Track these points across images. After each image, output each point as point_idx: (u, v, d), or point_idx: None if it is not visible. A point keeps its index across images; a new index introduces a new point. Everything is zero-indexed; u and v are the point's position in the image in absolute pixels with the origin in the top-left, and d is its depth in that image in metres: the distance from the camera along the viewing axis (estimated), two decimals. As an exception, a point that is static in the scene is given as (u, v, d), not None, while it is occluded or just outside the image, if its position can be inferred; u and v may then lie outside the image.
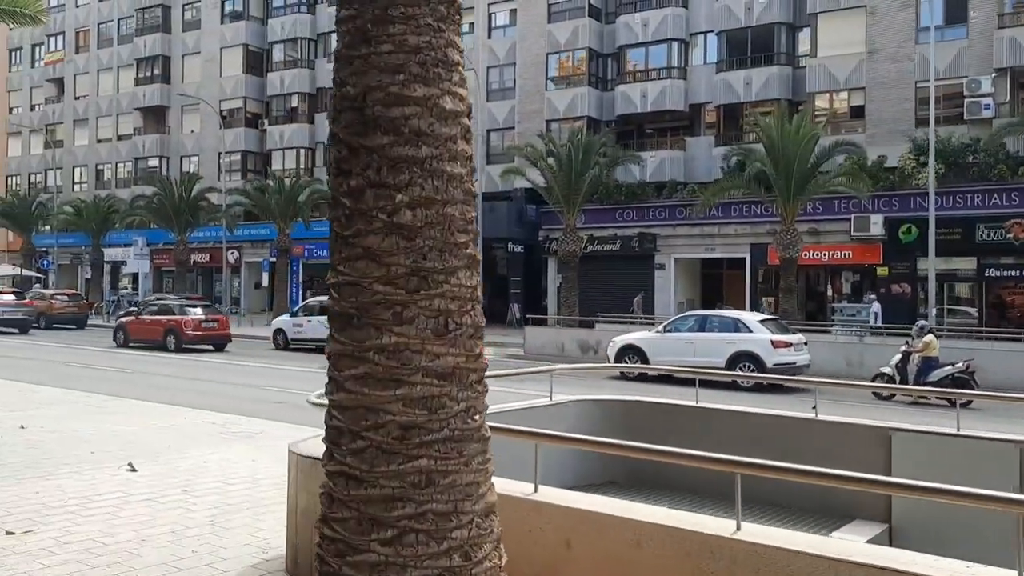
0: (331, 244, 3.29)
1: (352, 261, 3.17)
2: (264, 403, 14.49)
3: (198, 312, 27.08)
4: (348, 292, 3.17)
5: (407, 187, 3.14)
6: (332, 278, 3.25)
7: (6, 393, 13.74)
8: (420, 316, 3.12)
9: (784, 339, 18.40)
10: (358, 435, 3.11)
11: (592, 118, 36.25)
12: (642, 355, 19.47)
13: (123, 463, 8.35)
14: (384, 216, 3.13)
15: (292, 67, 45.09)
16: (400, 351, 3.10)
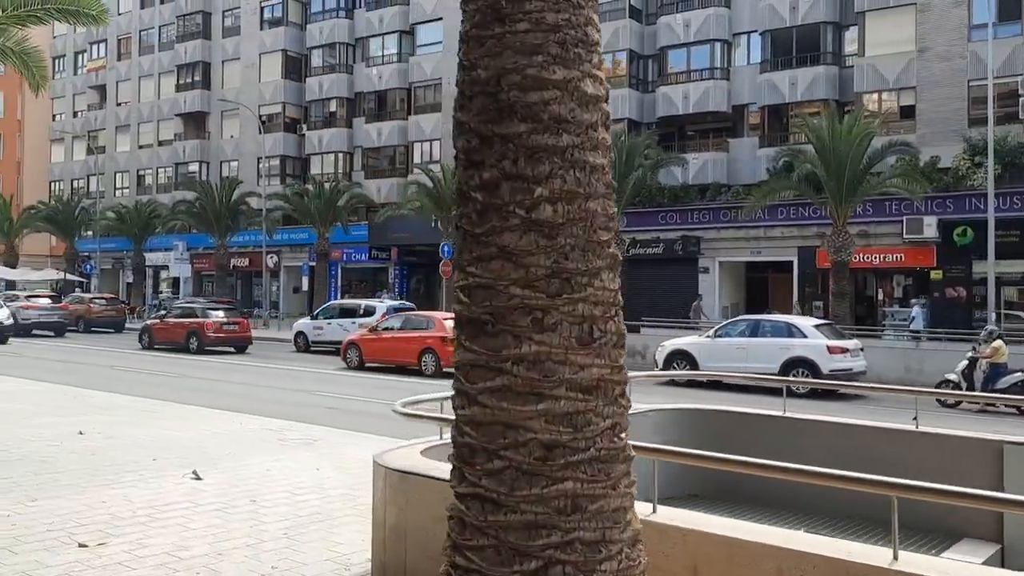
0: (459, 243, 2.99)
1: (485, 262, 2.87)
2: (314, 408, 14.31)
3: (220, 315, 27.56)
4: (481, 296, 2.87)
5: (547, 179, 2.84)
6: (461, 280, 2.96)
7: (60, 398, 13.70)
8: (563, 322, 2.82)
9: (840, 344, 17.91)
10: (495, 454, 2.81)
11: (632, 120, 35.80)
12: (692, 360, 19.05)
13: (186, 470, 8.16)
14: (522, 212, 2.83)
15: (330, 72, 45.18)
16: (541, 361, 2.79)
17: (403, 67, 42.65)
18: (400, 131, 42.67)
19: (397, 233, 38.58)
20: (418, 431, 6.98)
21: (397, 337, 21.66)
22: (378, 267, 43.12)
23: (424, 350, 20.73)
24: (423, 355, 20.75)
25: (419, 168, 35.84)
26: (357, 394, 16.49)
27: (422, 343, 20.82)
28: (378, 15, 43.45)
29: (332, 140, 45.07)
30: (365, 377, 20.37)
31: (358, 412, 14.08)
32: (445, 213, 33.55)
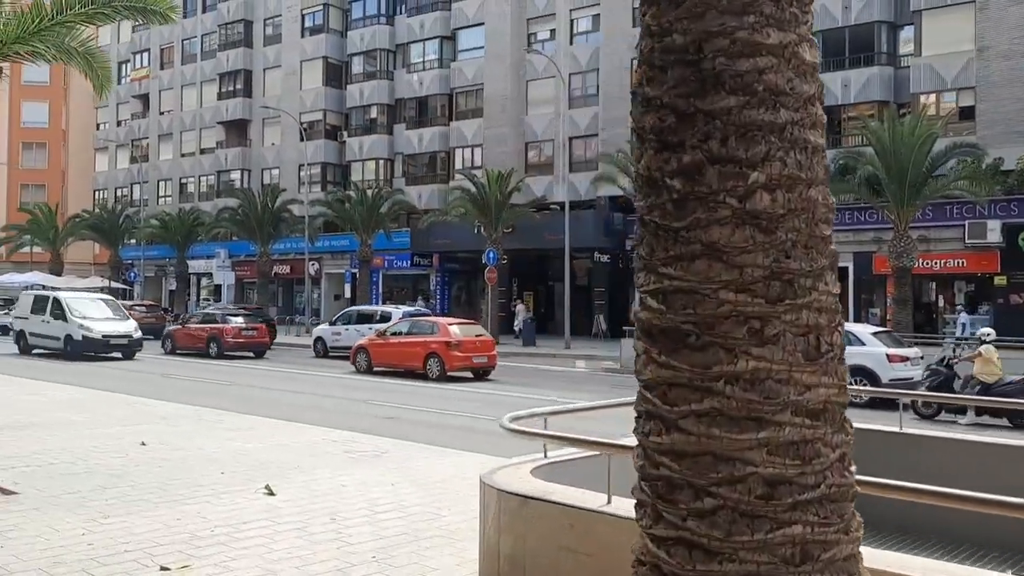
0: (647, 240, 2.54)
1: (686, 261, 2.42)
2: (371, 418, 13.94)
3: (239, 321, 28.40)
4: (681, 302, 2.42)
5: (763, 162, 2.39)
6: (652, 283, 2.51)
7: (118, 406, 13.49)
8: (785, 333, 2.36)
9: (900, 353, 17.25)
10: (705, 491, 2.35)
11: (679, 124, 35.17)
12: None
13: (258, 485, 7.81)
14: (734, 201, 2.38)
15: (371, 79, 45.17)
16: (761, 380, 2.34)
17: (444, 72, 42.47)
18: (441, 137, 42.47)
19: (439, 240, 38.31)
20: (500, 448, 6.55)
21: (404, 342, 22.05)
22: (419, 274, 42.92)
23: (429, 355, 21.06)
24: (428, 359, 21.06)
25: (462, 174, 35.56)
26: (377, 399, 16.13)
27: (427, 348, 21.17)
28: (419, 21, 43.34)
29: (373, 147, 45.00)
30: (377, 381, 20.12)
31: (415, 422, 13.69)
32: (488, 219, 33.21)
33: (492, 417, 14.19)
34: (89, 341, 24.98)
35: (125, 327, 25.86)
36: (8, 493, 7.34)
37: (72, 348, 25.18)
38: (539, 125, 39.61)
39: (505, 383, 20.07)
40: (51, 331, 25.94)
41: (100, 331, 25.13)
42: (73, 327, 25.21)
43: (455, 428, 13.09)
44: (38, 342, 26.75)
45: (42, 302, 26.80)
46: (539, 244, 35.24)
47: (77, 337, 25.09)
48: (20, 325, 27.62)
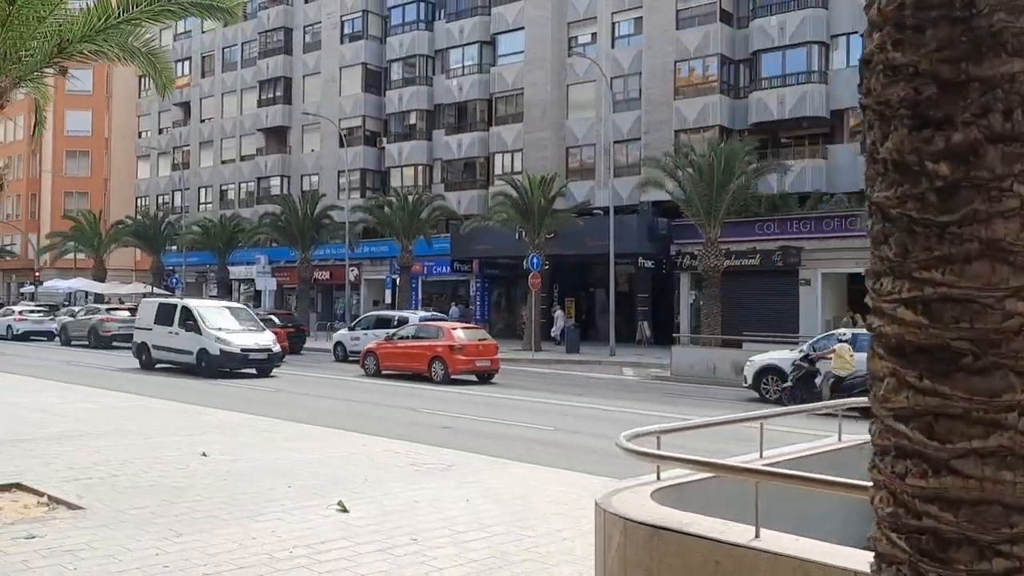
0: (897, 238, 2.09)
1: (959, 263, 1.97)
2: (425, 427, 13.55)
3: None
4: (952, 313, 1.97)
5: (1061, 141, 1.93)
6: (906, 291, 2.06)
7: (172, 415, 13.26)
8: (1096, 353, 1.89)
9: None
10: (993, 550, 1.89)
11: (724, 127, 34.56)
12: (784, 377, 17.97)
13: (328, 500, 7.45)
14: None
15: (410, 84, 45.04)
16: (1064, 412, 1.88)
17: (484, 78, 42.20)
18: (481, 142, 42.19)
19: (480, 245, 37.97)
20: (568, 460, 6.06)
21: (410, 346, 22.61)
22: (459, 280, 42.64)
23: (433, 358, 21.64)
24: (432, 363, 21.65)
25: (503, 179, 35.22)
26: (424, 406, 15.73)
27: (432, 352, 21.74)
28: (458, 26, 43.13)
29: (412, 152, 44.85)
30: (397, 385, 19.75)
31: (471, 432, 13.28)
32: (531, 224, 32.80)
33: (550, 427, 13.78)
34: (227, 356, 21.67)
35: (264, 339, 22.51)
36: (75, 508, 7.06)
37: (207, 363, 21.80)
38: (580, 129, 39.18)
39: (551, 391, 19.61)
40: (181, 344, 22.59)
41: (239, 344, 21.78)
42: (208, 340, 21.88)
43: (510, 438, 12.65)
44: (164, 356, 23.41)
45: (168, 311, 23.60)
46: (581, 250, 34.75)
47: (213, 351, 21.70)
48: (142, 337, 24.14)
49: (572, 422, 14.50)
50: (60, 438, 10.63)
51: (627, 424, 5.66)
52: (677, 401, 18.17)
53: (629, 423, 13.85)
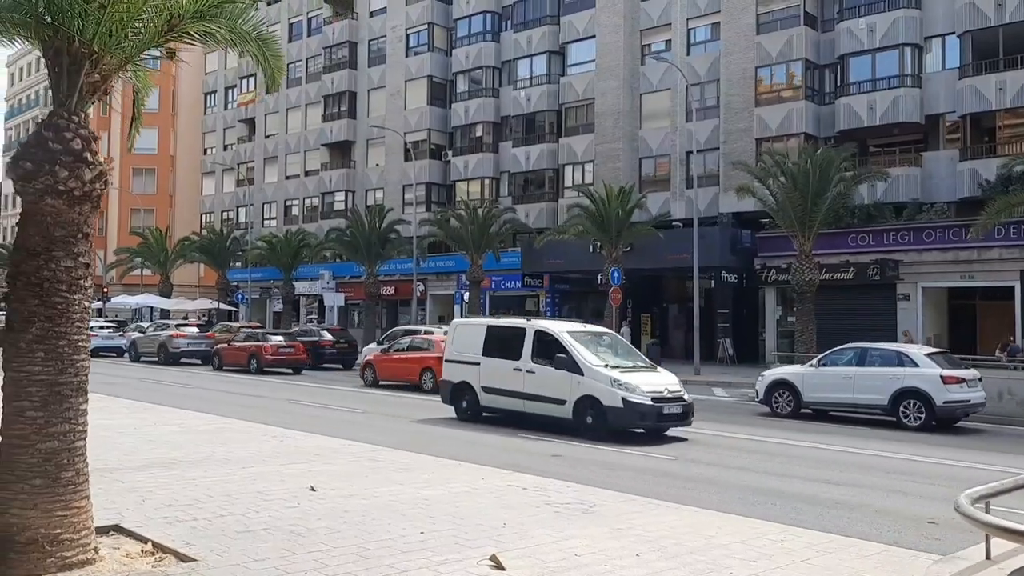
0: None
1: None
2: (535, 456, 12.34)
3: (278, 339, 30.25)
4: None
5: None
6: None
7: (260, 438, 12.32)
8: None
9: (956, 374, 16.44)
10: None
11: (809, 135, 32.93)
12: (794, 391, 17.95)
13: (468, 550, 6.37)
14: None
15: (476, 96, 44.29)
16: None
17: (553, 88, 41.21)
18: (550, 154, 41.15)
19: (552, 259, 36.80)
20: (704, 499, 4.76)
21: (404, 357, 23.43)
22: (527, 295, 41.54)
23: (424, 369, 22.30)
24: (423, 373, 22.34)
25: (580, 190, 34.00)
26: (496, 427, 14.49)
27: (422, 363, 22.47)
28: (526, 36, 42.25)
29: (478, 166, 44.03)
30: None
31: (587, 461, 12.02)
32: (608, 237, 31.57)
33: (670, 456, 11.78)
34: (634, 409, 13.72)
35: (669, 382, 14.57)
36: (185, 559, 6.04)
37: (599, 419, 13.90)
38: (654, 140, 37.89)
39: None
40: (540, 387, 14.82)
41: (648, 390, 13.89)
42: (598, 383, 13.98)
43: (635, 470, 11.37)
44: (504, 403, 15.58)
45: (508, 338, 15.77)
46: (659, 263, 33.38)
47: (611, 401, 13.75)
48: (462, 374, 16.32)
49: (696, 450, 13.16)
50: (151, 466, 9.73)
51: (748, 452, 4.40)
52: (772, 424, 16.71)
53: (754, 451, 12.04)
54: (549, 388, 14.68)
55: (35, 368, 5.81)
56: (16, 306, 5.88)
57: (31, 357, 5.81)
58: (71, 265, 5.95)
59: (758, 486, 10.25)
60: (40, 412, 5.80)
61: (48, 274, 5.86)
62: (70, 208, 5.95)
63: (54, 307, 5.86)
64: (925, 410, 16.00)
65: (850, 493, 9.90)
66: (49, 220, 5.91)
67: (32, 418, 5.79)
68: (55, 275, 5.87)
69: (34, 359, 5.81)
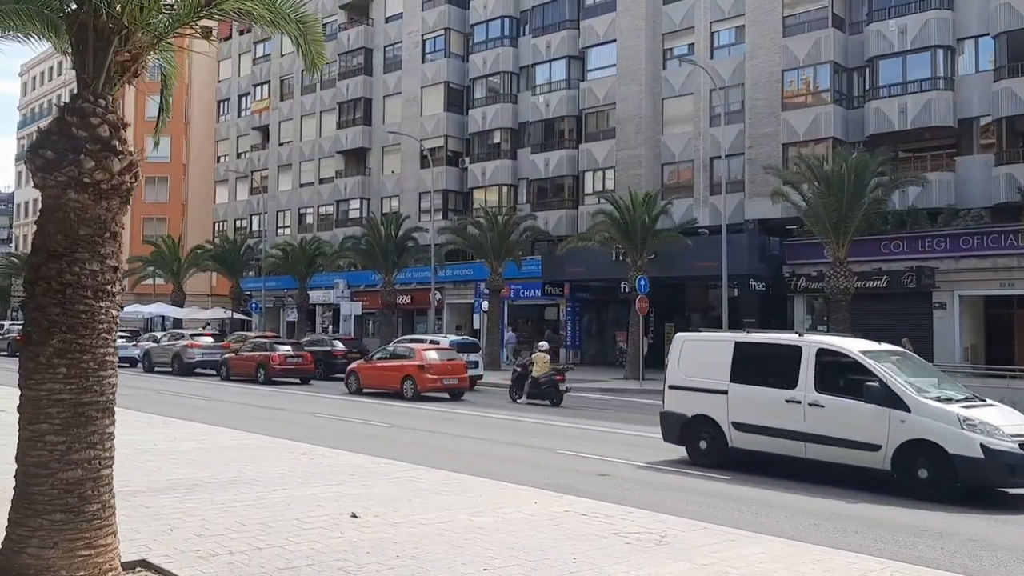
0: None
1: None
2: (582, 474, 11.54)
3: (286, 349, 29.60)
4: None
5: None
6: None
7: (287, 455, 11.58)
8: None
9: None
10: None
11: (837, 139, 32.11)
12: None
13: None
14: None
15: (494, 103, 43.66)
16: None
17: (572, 93, 40.50)
18: (569, 160, 40.42)
19: (573, 267, 36.01)
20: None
21: (386, 365, 23.95)
22: (546, 304, 40.77)
23: (404, 377, 22.92)
24: (404, 381, 22.92)
25: (603, 196, 33.19)
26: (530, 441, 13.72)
27: (403, 371, 23.05)
28: (545, 41, 41.61)
29: (496, 172, 43.35)
30: (488, 416, 17.74)
31: (639, 482, 11.23)
32: (633, 244, 30.79)
33: (726, 476, 10.35)
34: (999, 462, 9.93)
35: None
36: (226, 604, 5.30)
37: (944, 476, 10.15)
38: (676, 145, 37.13)
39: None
40: (839, 428, 10.96)
41: (1014, 436, 10.12)
42: (938, 426, 10.23)
43: (706, 494, 10.57)
44: (781, 448, 11.57)
45: (771, 359, 12.12)
46: (684, 271, 32.60)
47: (963, 450, 9.99)
48: (699, 406, 12.47)
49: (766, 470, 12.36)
50: (176, 489, 9.00)
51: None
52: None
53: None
54: (848, 428, 10.76)
55: (56, 386, 5.09)
56: (35, 315, 5.16)
57: (52, 373, 5.09)
58: (97, 268, 5.23)
59: (829, 511, 9.44)
60: (61, 436, 5.08)
61: (71, 278, 5.14)
62: (96, 203, 5.24)
63: (78, 316, 5.14)
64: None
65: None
66: (73, 217, 5.20)
67: (52, 443, 5.08)
68: (79, 279, 5.15)
69: (55, 375, 5.09)
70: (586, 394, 25.14)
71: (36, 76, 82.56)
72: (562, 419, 18.69)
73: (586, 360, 39.41)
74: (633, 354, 29.82)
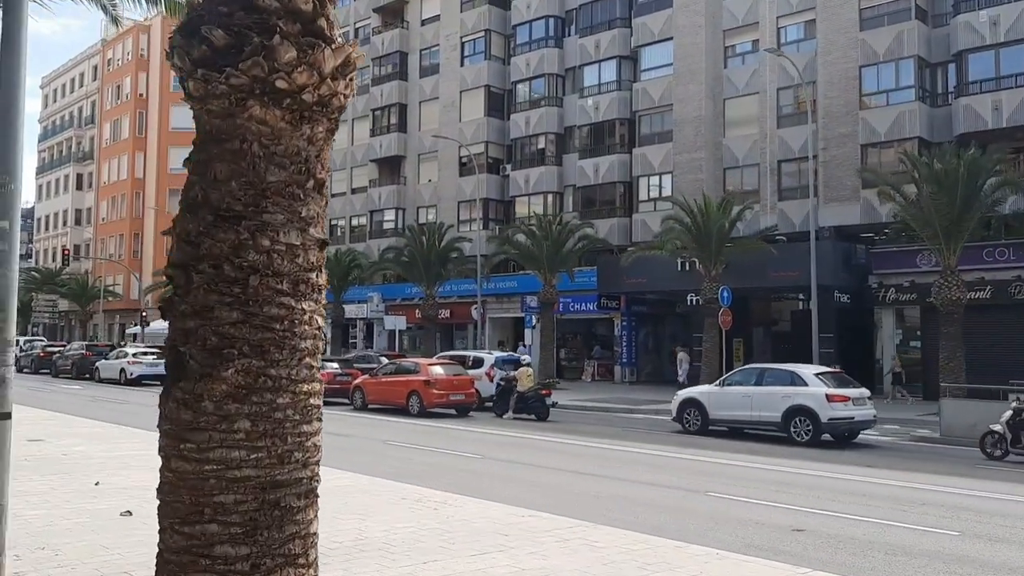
0: None
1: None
2: (768, 528, 9.18)
3: (335, 366, 27.62)
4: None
5: None
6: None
7: (400, 505, 9.19)
8: None
9: (841, 393, 17.14)
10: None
11: (923, 139, 29.74)
12: (701, 408, 18.74)
13: None
14: None
15: (537, 106, 41.49)
16: None
17: (624, 95, 38.30)
18: (621, 165, 38.16)
19: (632, 279, 33.61)
20: None
21: (391, 380, 23.41)
22: (600, 318, 38.37)
23: (410, 392, 22.39)
24: (409, 396, 22.39)
25: (674, 202, 30.76)
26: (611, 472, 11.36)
27: (409, 386, 22.54)
28: (593, 41, 39.45)
29: (540, 179, 41.12)
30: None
31: (843, 538, 8.85)
32: (707, 253, 28.44)
33: (949, 531, 8.86)
34: None
35: None
36: None
37: None
38: (740, 148, 34.81)
39: (818, 459, 15.00)
40: None
41: None
42: None
43: (924, 553, 8.19)
44: None
45: None
46: (760, 282, 30.18)
47: None
48: None
49: (941, 516, 9.94)
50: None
51: None
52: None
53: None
54: None
55: (234, 454, 2.81)
56: (193, 325, 2.87)
57: (224, 431, 2.82)
58: (297, 242, 2.96)
59: None
60: (243, 548, 2.78)
61: (258, 259, 2.87)
62: (295, 127, 2.99)
63: (269, 327, 2.87)
64: (813, 426, 16.69)
65: None
66: (257, 151, 2.92)
67: (227, 558, 2.77)
68: (270, 261, 2.88)
69: (230, 436, 2.82)
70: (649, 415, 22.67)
71: (57, 88, 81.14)
72: (661, 448, 16.27)
73: (642, 378, 36.98)
74: (710, 372, 27.29)
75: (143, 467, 11.49)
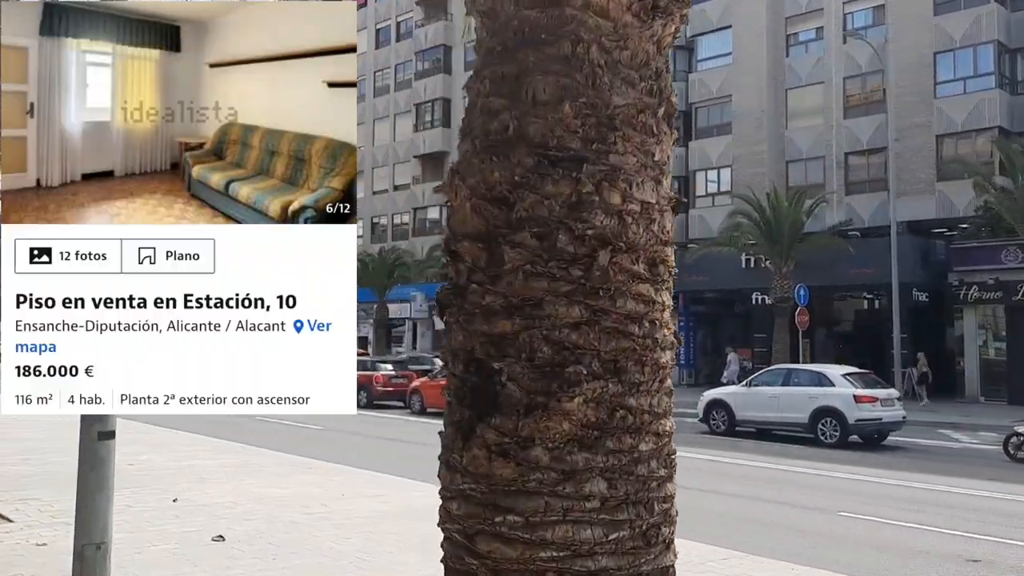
0: None
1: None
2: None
3: (389, 368, 27.20)
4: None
5: None
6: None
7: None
8: None
9: (869, 394, 16.88)
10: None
11: (1003, 128, 28.16)
12: (728, 410, 18.51)
13: None
14: None
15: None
16: None
17: (679, 86, 36.84)
18: (677, 159, 36.79)
19: (694, 276, 32.24)
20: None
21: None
22: (654, 317, 37.11)
23: None
24: None
25: (740, 196, 29.45)
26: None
27: None
28: (647, 32, 38.21)
29: (591, 175, 39.96)
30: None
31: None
32: (779, 249, 27.11)
33: None
34: None
35: None
36: None
37: None
38: (804, 140, 33.37)
39: (965, 474, 13.72)
40: None
41: None
42: None
43: None
44: None
45: None
46: (834, 280, 28.66)
47: None
48: None
49: None
50: None
51: None
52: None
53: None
54: None
55: (585, 533, 1.74)
56: (510, 328, 1.80)
57: (568, 497, 1.75)
58: (652, 199, 1.89)
59: None
60: None
61: (607, 221, 1.79)
62: (643, 22, 1.94)
63: (626, 329, 1.82)
64: (840, 427, 16.42)
65: None
66: (595, 56, 1.86)
67: None
68: (622, 224, 1.79)
69: (579, 504, 1.75)
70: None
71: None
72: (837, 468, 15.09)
73: (700, 380, 35.63)
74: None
75: (217, 479, 10.63)
